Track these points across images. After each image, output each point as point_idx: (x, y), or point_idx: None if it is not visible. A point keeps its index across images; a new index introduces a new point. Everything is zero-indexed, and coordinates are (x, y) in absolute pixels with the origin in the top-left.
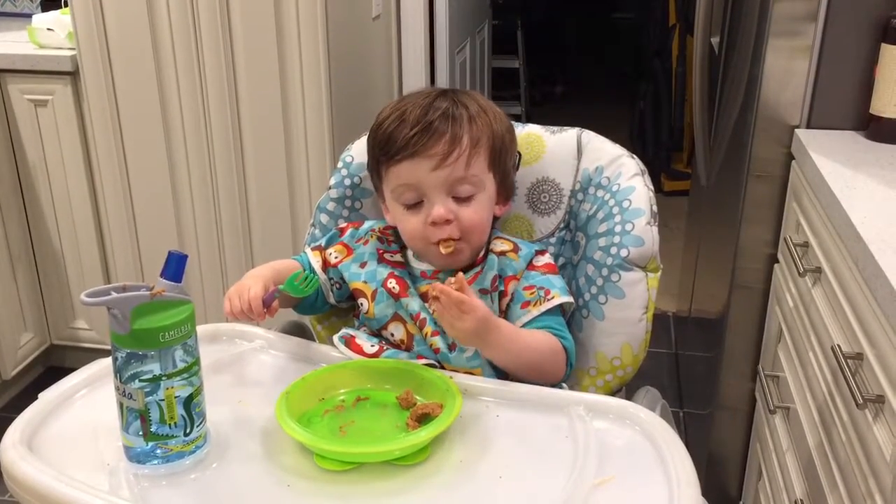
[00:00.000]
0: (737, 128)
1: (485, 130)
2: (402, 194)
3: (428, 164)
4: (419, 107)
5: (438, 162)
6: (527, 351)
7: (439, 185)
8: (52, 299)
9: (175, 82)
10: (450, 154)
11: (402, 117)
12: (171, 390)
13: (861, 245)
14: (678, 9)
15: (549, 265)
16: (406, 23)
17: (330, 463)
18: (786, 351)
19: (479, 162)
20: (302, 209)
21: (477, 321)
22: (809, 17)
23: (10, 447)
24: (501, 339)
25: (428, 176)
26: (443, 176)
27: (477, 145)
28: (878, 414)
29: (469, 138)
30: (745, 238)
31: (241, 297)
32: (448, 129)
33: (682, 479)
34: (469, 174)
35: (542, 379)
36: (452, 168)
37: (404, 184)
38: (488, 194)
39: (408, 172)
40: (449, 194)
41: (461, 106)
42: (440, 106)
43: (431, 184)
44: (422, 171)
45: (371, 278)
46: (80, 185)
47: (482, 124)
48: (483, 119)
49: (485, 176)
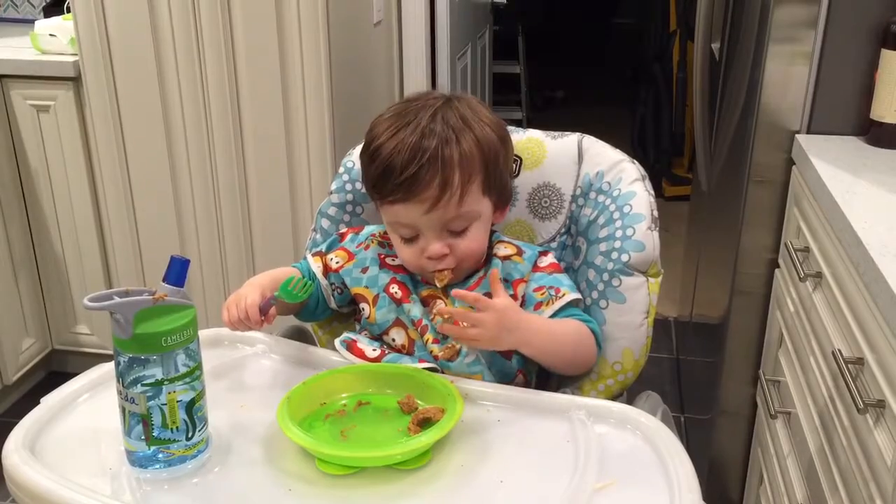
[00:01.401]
0: (737, 133)
1: (477, 155)
2: (397, 229)
3: (420, 208)
4: (408, 148)
5: (430, 206)
6: (561, 336)
7: (433, 225)
8: (53, 304)
9: (177, 87)
10: (441, 198)
11: (390, 161)
12: (173, 395)
13: (862, 250)
14: (679, 14)
15: (553, 265)
16: (407, 28)
17: (331, 467)
18: (787, 356)
19: (472, 194)
20: (303, 214)
21: (497, 313)
22: (809, 23)
23: (13, 451)
24: (532, 326)
25: (421, 218)
26: (436, 217)
27: (469, 181)
28: (879, 418)
29: (460, 176)
30: (746, 243)
31: (237, 305)
32: (438, 173)
33: (684, 484)
34: (462, 211)
35: (578, 365)
36: (445, 210)
37: (399, 223)
38: (485, 218)
39: (401, 213)
40: (443, 229)
41: (452, 131)
42: (429, 146)
43: (425, 224)
44: (415, 213)
45: (372, 283)
46: (81, 190)
47: (474, 151)
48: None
49: (479, 204)
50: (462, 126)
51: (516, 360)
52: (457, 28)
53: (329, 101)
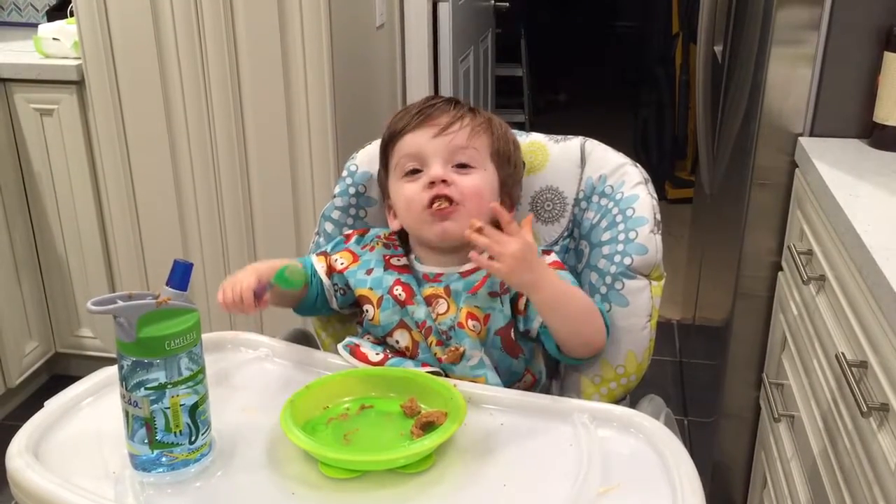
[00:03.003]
0: (740, 136)
1: (486, 126)
2: (403, 165)
3: (430, 132)
4: (428, 98)
5: (440, 130)
6: (572, 298)
7: (439, 152)
8: (56, 307)
9: (180, 91)
10: (451, 124)
11: (408, 109)
12: (176, 398)
13: (865, 253)
14: (681, 17)
15: (556, 262)
16: (410, 32)
17: (334, 471)
18: (790, 359)
19: (480, 141)
20: (306, 217)
21: (524, 243)
22: (812, 26)
23: (17, 455)
24: (549, 274)
25: (429, 143)
26: (443, 143)
27: (478, 129)
28: (883, 422)
29: (471, 121)
30: (749, 246)
31: (233, 288)
32: (450, 108)
33: (687, 487)
34: (469, 145)
35: (586, 339)
36: (454, 136)
37: (406, 154)
38: (490, 176)
39: (410, 142)
40: (448, 163)
41: (465, 107)
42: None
43: (432, 150)
44: (423, 138)
45: (377, 285)
46: (85, 193)
47: (484, 120)
48: (485, 117)
49: (485, 158)
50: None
51: (523, 359)
52: (459, 31)
53: (332, 105)
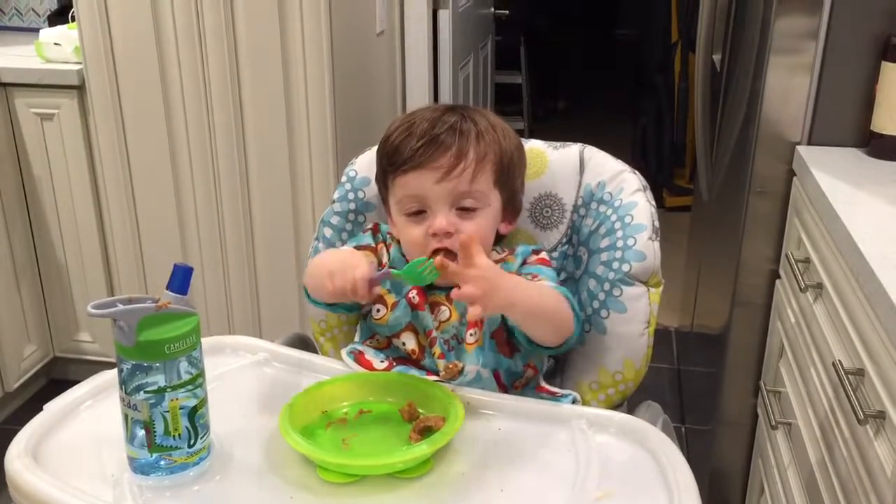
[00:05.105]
0: (738, 144)
1: (492, 146)
2: (406, 204)
3: (432, 176)
4: (427, 120)
5: (443, 175)
6: (543, 299)
7: (443, 198)
8: (55, 311)
9: (181, 97)
10: (454, 167)
11: (410, 130)
12: (175, 402)
13: (862, 261)
14: (680, 25)
15: (542, 259)
16: (410, 39)
17: (332, 475)
18: (787, 366)
19: (484, 177)
20: (305, 223)
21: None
22: (810, 35)
23: (16, 458)
24: (513, 281)
25: (432, 188)
26: (447, 189)
27: (483, 160)
28: (880, 430)
29: (475, 153)
30: (747, 254)
31: (345, 274)
32: (454, 142)
33: (684, 494)
34: (473, 189)
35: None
36: (457, 181)
37: (409, 195)
38: (493, 210)
39: (413, 183)
40: (452, 207)
41: (470, 121)
42: (448, 120)
43: (435, 196)
44: (426, 182)
45: (397, 290)
46: (84, 198)
47: (490, 140)
48: (491, 136)
49: (490, 192)
50: (480, 118)
51: (519, 356)
52: (459, 38)
53: (332, 111)
